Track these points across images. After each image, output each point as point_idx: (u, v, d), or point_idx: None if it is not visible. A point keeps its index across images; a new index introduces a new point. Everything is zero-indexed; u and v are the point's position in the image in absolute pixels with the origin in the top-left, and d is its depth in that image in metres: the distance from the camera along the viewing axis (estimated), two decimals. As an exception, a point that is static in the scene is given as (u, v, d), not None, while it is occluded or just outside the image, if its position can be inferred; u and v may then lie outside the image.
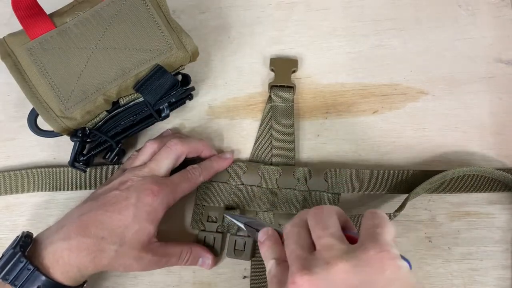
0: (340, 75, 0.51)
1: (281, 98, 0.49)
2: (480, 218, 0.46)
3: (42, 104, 0.42)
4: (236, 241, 0.45)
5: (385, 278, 0.28)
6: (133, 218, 0.40)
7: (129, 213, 0.40)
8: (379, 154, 0.48)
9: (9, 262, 0.37)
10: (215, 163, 0.46)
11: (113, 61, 0.42)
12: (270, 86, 0.49)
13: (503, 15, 0.52)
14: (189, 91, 0.49)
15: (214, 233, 0.46)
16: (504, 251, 0.45)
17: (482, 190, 0.46)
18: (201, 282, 0.46)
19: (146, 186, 0.41)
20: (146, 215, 0.41)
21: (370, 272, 0.28)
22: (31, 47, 0.41)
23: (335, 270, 0.29)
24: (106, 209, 0.40)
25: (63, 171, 0.49)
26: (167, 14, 0.44)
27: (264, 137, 0.49)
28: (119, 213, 0.40)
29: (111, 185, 0.42)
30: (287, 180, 0.46)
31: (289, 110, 0.49)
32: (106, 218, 0.40)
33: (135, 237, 0.40)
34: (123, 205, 0.40)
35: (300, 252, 0.31)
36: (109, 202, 0.41)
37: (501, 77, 0.50)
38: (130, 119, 0.46)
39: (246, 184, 0.47)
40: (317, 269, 0.29)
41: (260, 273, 0.45)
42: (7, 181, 0.49)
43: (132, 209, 0.40)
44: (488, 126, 0.49)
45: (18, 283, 0.37)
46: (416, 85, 0.50)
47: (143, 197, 0.41)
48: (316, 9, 0.53)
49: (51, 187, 0.49)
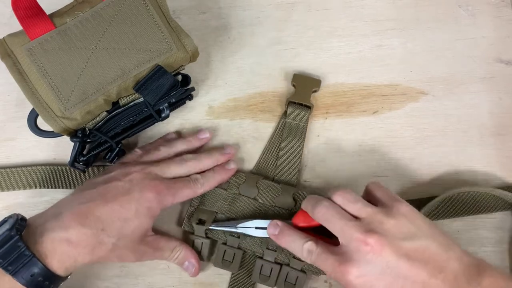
0: (340, 75, 0.51)
1: (297, 117, 0.48)
2: (480, 219, 0.46)
3: (42, 104, 0.42)
4: (225, 251, 0.44)
5: (420, 219, 0.37)
6: (134, 212, 0.40)
7: (131, 207, 0.40)
8: (379, 154, 0.48)
9: (4, 245, 0.35)
10: (218, 175, 0.46)
11: (113, 61, 0.42)
12: (287, 101, 0.49)
13: (503, 15, 0.52)
14: (189, 92, 0.49)
15: (203, 238, 0.45)
16: (504, 252, 0.45)
17: (476, 213, 0.46)
18: (201, 282, 0.46)
19: (150, 183, 0.42)
20: (146, 211, 0.41)
21: (410, 219, 0.37)
22: (31, 47, 0.41)
23: (389, 227, 0.36)
24: (107, 200, 0.40)
25: (65, 169, 0.49)
26: (167, 14, 0.44)
27: (271, 151, 0.49)
28: (120, 206, 0.40)
29: (113, 175, 0.42)
30: (285, 201, 0.45)
31: (302, 129, 0.48)
32: (107, 210, 0.39)
33: (134, 231, 0.40)
34: (125, 199, 0.40)
35: (353, 223, 0.37)
36: (110, 192, 0.40)
37: (501, 77, 0.50)
38: (130, 119, 0.46)
39: (242, 195, 0.46)
40: (377, 229, 0.36)
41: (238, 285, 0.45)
42: (8, 177, 0.49)
43: (134, 203, 0.40)
44: (488, 126, 0.49)
45: (12, 268, 0.35)
46: (416, 85, 0.50)
47: (146, 193, 0.41)
48: (316, 9, 0.53)
49: (52, 184, 0.49)
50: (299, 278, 0.43)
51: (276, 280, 0.44)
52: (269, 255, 0.44)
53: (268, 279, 0.44)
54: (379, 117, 0.49)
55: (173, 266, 0.46)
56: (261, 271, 0.44)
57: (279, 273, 0.44)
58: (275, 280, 0.44)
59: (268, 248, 0.44)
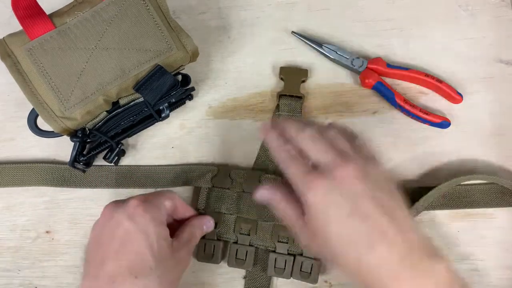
0: (340, 75, 0.51)
1: (289, 108, 0.49)
2: (480, 218, 0.46)
3: (42, 104, 0.42)
4: (237, 250, 0.45)
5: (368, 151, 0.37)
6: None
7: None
8: (379, 154, 0.48)
9: None
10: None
11: (113, 61, 0.42)
12: (278, 95, 0.49)
13: (503, 15, 0.52)
14: (189, 91, 0.49)
15: (214, 241, 0.45)
16: (504, 251, 0.45)
17: (475, 206, 0.46)
18: (202, 282, 0.46)
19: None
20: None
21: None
22: (31, 47, 0.41)
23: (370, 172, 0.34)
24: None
25: (66, 168, 0.49)
26: (167, 14, 0.44)
27: None
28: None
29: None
30: None
31: None
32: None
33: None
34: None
35: (338, 157, 0.34)
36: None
37: (501, 77, 0.50)
38: (130, 119, 0.46)
39: (247, 192, 0.46)
40: (353, 159, 0.34)
41: (256, 278, 0.45)
42: (9, 173, 0.49)
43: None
44: (488, 126, 0.49)
45: None
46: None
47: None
48: (316, 9, 0.53)
49: (53, 183, 0.49)
50: (313, 266, 0.44)
51: (291, 271, 0.44)
52: (281, 248, 0.45)
53: (283, 272, 0.44)
54: (379, 117, 0.49)
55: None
56: (276, 265, 0.44)
57: (293, 263, 0.44)
58: (291, 271, 0.44)
59: (279, 241, 0.45)
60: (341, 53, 0.50)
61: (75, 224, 0.48)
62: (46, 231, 0.48)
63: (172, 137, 0.50)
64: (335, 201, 0.33)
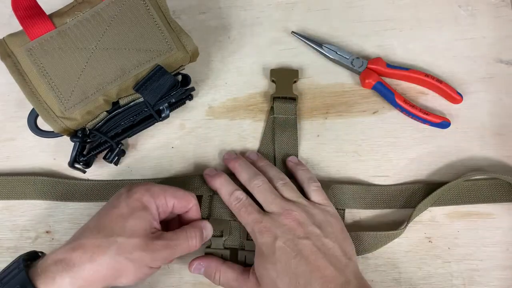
0: (340, 75, 0.51)
1: (284, 110, 0.48)
2: (480, 218, 0.46)
3: (42, 104, 0.42)
4: (246, 257, 0.44)
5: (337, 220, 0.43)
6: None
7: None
8: (379, 154, 0.48)
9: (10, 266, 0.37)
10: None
11: (113, 61, 0.42)
12: (272, 97, 0.49)
13: (503, 15, 0.52)
14: (189, 91, 0.49)
15: (221, 250, 0.44)
16: (504, 251, 0.45)
17: (486, 201, 0.46)
18: (201, 282, 0.46)
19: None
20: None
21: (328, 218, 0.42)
22: (31, 48, 0.41)
23: (312, 213, 0.42)
24: None
25: (66, 182, 0.48)
26: (167, 14, 0.44)
27: (266, 148, 0.49)
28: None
29: None
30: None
31: (292, 122, 0.48)
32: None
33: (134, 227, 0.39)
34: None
35: (279, 199, 0.42)
36: None
37: (501, 77, 0.50)
38: (130, 119, 0.46)
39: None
40: (297, 208, 0.41)
41: None
42: (8, 185, 0.48)
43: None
44: (488, 126, 0.49)
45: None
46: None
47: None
48: (316, 9, 0.53)
49: (53, 197, 0.48)
50: None
51: None
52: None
53: None
54: (379, 117, 0.49)
55: (173, 266, 0.46)
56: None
57: None
58: None
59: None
60: (341, 53, 0.50)
61: (75, 224, 0.48)
62: (46, 231, 0.48)
63: (172, 137, 0.50)
64: (280, 247, 0.39)
